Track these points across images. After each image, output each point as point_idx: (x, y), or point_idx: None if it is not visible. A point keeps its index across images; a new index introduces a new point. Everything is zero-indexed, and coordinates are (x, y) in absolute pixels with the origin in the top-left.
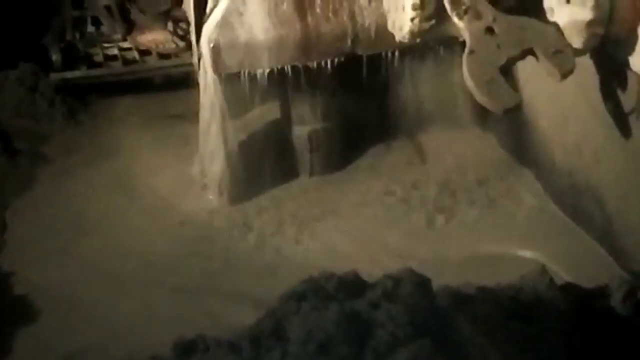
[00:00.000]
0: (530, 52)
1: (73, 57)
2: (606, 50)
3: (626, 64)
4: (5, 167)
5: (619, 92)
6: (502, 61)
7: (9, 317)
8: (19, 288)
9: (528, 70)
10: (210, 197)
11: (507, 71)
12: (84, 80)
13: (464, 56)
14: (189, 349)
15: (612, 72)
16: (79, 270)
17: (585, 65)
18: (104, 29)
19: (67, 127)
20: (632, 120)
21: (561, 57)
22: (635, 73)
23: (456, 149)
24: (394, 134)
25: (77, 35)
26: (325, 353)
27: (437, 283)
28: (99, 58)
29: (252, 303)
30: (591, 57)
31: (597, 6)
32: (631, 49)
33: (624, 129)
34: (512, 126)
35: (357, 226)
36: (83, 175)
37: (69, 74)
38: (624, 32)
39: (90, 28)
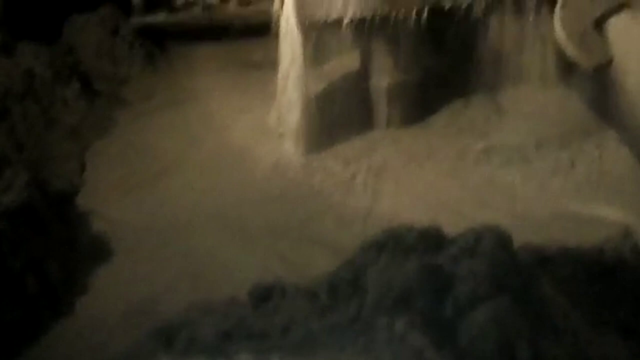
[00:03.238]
0: (625, 6)
1: (153, 2)
2: None
3: None
4: (85, 108)
5: None
6: (596, 15)
7: (87, 255)
8: (97, 226)
9: (619, 28)
10: (287, 145)
11: (599, 26)
12: (163, 25)
13: (557, 8)
14: (266, 294)
15: None
16: (156, 211)
17: None
18: None
19: (146, 71)
20: None
21: None
22: None
23: (538, 106)
24: (474, 90)
25: None
26: (404, 305)
27: (518, 240)
28: (179, 3)
29: (328, 251)
30: None
31: None
32: None
33: None
34: (598, 85)
35: (435, 180)
36: (161, 118)
37: (149, 18)
38: None
39: None
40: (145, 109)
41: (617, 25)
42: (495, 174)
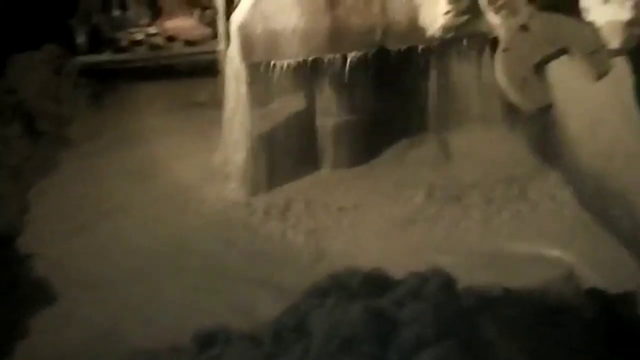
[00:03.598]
0: (565, 51)
1: (98, 41)
2: None
3: None
4: (28, 148)
5: None
6: (537, 59)
7: (29, 298)
8: (39, 268)
9: (559, 72)
10: (233, 186)
11: (540, 70)
12: (108, 65)
13: (498, 53)
14: (209, 341)
15: None
16: (99, 253)
17: (620, 67)
18: (131, 13)
19: (91, 111)
20: None
21: (597, 57)
22: None
23: (483, 147)
24: (420, 130)
25: (104, 19)
26: (348, 350)
27: (462, 282)
28: (124, 42)
29: (273, 292)
30: (628, 58)
31: (636, 5)
32: None
33: None
34: (540, 127)
35: (380, 222)
36: (105, 159)
37: (94, 58)
38: None
39: (117, 12)
40: (89, 150)
41: (557, 70)
42: (439, 216)
